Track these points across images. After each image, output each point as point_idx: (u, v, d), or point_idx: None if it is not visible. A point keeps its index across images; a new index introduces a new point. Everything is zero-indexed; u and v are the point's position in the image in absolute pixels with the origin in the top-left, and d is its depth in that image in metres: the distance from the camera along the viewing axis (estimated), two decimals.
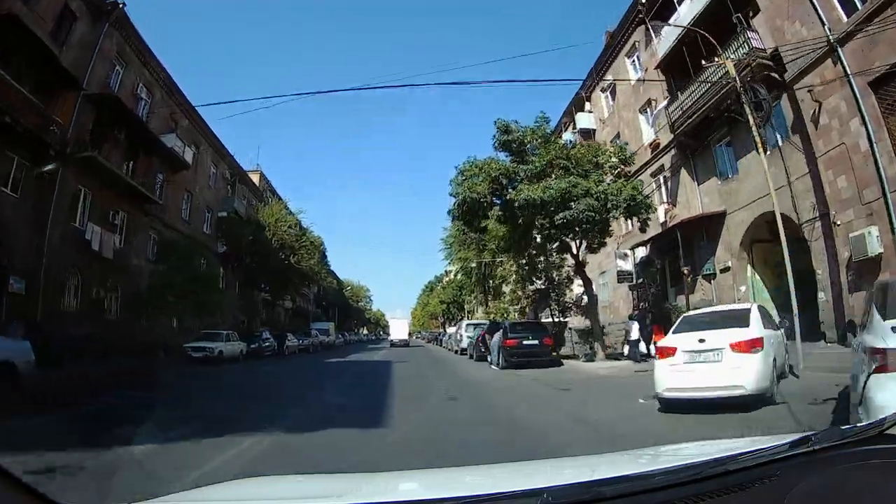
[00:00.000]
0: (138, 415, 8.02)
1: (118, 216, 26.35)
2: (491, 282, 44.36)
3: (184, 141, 31.65)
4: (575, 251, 19.56)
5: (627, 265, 22.41)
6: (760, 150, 12.55)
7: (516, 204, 16.17)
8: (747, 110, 12.56)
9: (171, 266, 24.51)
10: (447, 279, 76.73)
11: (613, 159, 18.11)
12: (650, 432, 6.84)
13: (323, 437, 7.15)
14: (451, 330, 50.79)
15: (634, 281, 22.33)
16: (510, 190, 17.10)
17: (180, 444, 6.36)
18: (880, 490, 1.56)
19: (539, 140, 17.51)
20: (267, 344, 31.84)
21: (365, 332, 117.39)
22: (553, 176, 16.54)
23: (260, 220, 37.05)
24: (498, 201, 17.74)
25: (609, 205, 16.43)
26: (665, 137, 21.85)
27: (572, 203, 16.05)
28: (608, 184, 17.15)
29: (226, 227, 34.42)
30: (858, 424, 2.08)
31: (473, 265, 41.76)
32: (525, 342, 18.97)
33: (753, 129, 12.36)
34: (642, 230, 18.76)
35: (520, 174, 17.02)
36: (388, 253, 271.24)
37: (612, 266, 25.05)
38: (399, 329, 59.61)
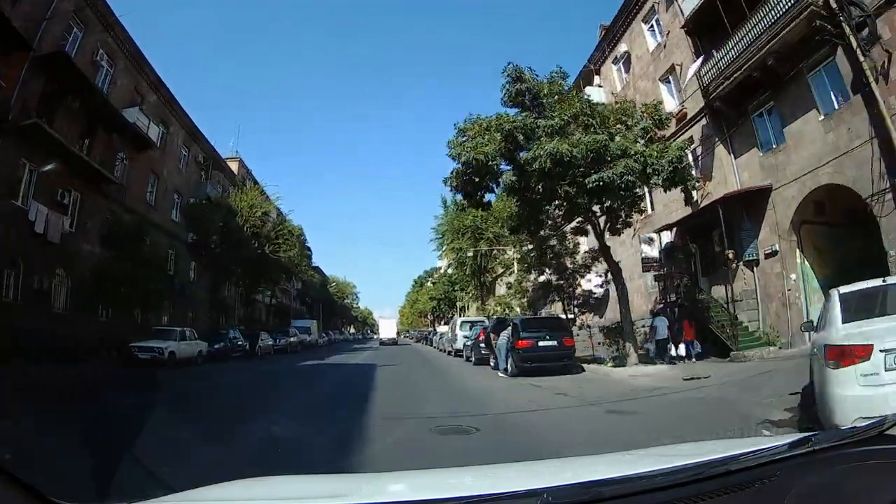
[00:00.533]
0: None
1: (69, 196, 23.36)
2: (488, 275, 41.20)
3: (149, 117, 28.66)
4: (601, 229, 16.59)
5: (653, 251, 19.57)
6: (871, 79, 9.91)
7: (535, 165, 13.10)
8: (847, 30, 9.93)
9: (117, 250, 21.19)
10: (438, 274, 74.00)
11: (644, 122, 15.14)
12: None
13: None
14: (441, 329, 48.16)
15: (661, 269, 19.63)
16: (522, 154, 14.05)
17: None
18: (880, 490, 1.55)
19: (556, 97, 14.67)
20: (238, 343, 28.53)
21: (352, 330, 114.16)
22: (577, 135, 13.57)
23: (231, 205, 33.49)
24: (507, 167, 14.70)
25: (649, 170, 13.55)
26: (694, 106, 19.32)
27: (606, 164, 13.20)
28: (644, 145, 14.31)
29: (193, 212, 30.92)
30: (858, 425, 2.00)
31: (470, 254, 38.13)
32: (541, 343, 15.81)
33: (858, 53, 9.73)
34: (688, 202, 16.02)
35: (538, 130, 13.82)
36: (377, 250, 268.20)
37: (626, 255, 22.34)
38: (388, 328, 66.08)
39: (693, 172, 17.36)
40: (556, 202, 16.09)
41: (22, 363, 15.71)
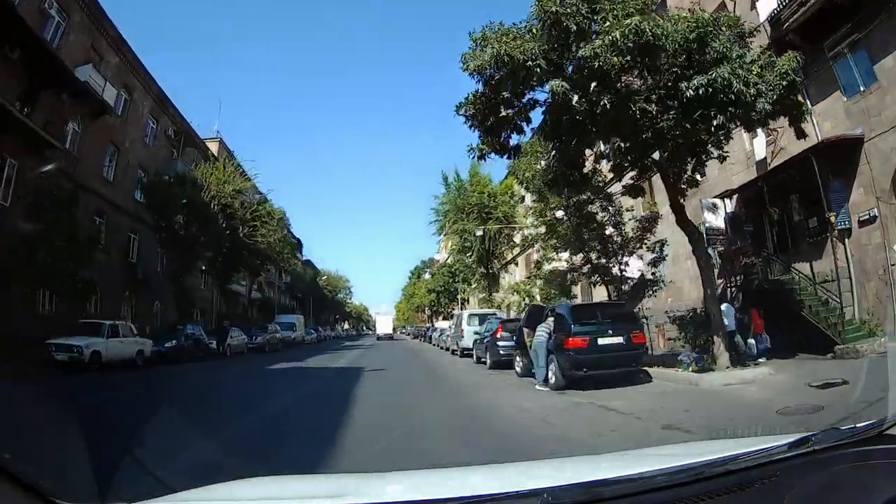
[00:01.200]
0: None
1: (4, 164, 20.20)
2: (496, 262, 37.40)
3: (105, 77, 25.45)
4: (672, 180, 12.38)
5: (718, 220, 16.01)
6: None
7: (600, 62, 8.96)
8: None
9: (46, 222, 17.54)
10: (436, 265, 70.66)
11: (724, 36, 11.30)
12: None
13: None
14: (441, 324, 44.99)
15: (729, 243, 16.11)
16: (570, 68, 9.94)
17: None
18: (880, 490, 1.55)
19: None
20: (199, 341, 24.68)
21: (346, 326, 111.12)
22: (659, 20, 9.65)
23: (197, 179, 29.20)
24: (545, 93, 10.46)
25: (752, 89, 9.48)
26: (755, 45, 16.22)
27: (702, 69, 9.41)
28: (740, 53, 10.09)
29: (154, 187, 26.93)
30: (858, 425, 1.97)
31: (479, 233, 33.19)
32: (601, 341, 11.51)
33: None
34: (800, 135, 12.60)
35: (595, 21, 9.55)
36: (373, 244, 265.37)
37: (669, 231, 18.90)
38: (384, 324, 73.54)
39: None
40: (617, 140, 11.79)
41: None
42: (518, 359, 15.04)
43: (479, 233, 32.51)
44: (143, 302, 28.82)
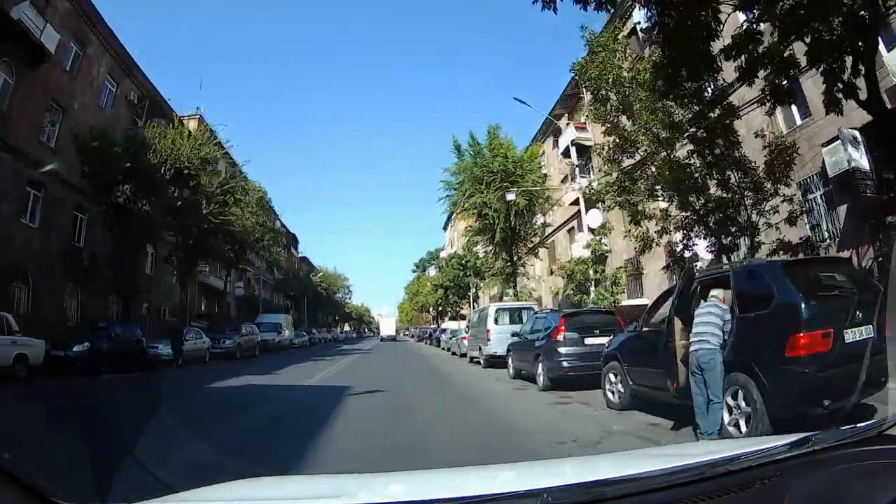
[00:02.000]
0: None
1: None
2: (522, 247, 31.59)
3: (48, 21, 21.64)
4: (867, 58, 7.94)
5: (862, 160, 11.40)
6: None
7: None
8: None
9: None
10: (443, 257, 66.61)
11: None
12: None
13: None
14: (450, 324, 41.04)
15: (877, 192, 11.54)
16: None
17: None
18: (880, 490, 1.56)
19: None
20: (138, 342, 20.21)
21: (346, 328, 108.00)
22: None
23: (146, 139, 24.29)
24: None
25: None
26: None
27: None
28: None
29: (89, 148, 22.04)
30: (858, 425, 1.98)
31: (511, 196, 26.60)
32: (849, 335, 5.92)
33: None
34: None
35: None
36: (375, 244, 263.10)
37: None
38: (387, 326, 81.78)
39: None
40: None
41: None
42: (611, 376, 9.39)
43: (511, 196, 26.53)
44: (94, 295, 24.99)
